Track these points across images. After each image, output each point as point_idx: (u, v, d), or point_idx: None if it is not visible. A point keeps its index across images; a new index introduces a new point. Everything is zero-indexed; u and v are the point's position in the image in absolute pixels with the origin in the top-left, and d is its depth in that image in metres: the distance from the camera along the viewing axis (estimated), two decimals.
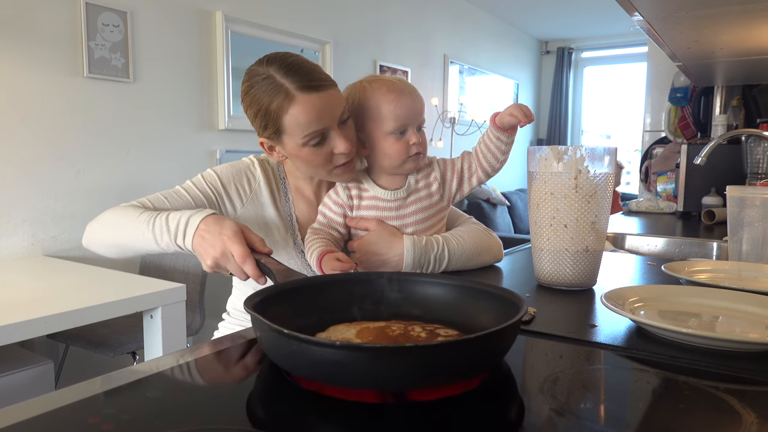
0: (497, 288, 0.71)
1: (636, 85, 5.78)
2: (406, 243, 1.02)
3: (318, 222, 1.10)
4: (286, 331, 0.52)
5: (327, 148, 1.00)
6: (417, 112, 1.03)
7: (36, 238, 2.26)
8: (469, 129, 5.09)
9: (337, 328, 0.67)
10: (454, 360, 0.52)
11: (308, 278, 0.78)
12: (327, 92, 0.97)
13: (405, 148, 1.02)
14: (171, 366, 0.62)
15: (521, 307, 0.60)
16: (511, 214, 5.36)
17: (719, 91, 2.61)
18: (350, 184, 1.08)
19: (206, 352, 0.67)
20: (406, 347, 0.50)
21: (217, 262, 0.86)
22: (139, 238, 0.95)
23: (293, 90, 0.95)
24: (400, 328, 0.66)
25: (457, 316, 0.71)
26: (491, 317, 0.66)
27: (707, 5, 1.36)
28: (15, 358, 1.81)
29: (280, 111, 0.96)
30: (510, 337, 0.58)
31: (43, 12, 2.22)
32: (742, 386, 0.59)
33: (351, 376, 0.51)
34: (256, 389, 0.58)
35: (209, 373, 0.64)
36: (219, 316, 1.31)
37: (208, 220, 0.89)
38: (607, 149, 0.94)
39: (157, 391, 0.57)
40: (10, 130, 2.16)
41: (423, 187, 1.09)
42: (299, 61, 0.98)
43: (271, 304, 0.65)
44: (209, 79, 2.88)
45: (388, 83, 1.03)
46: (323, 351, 0.51)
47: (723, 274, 1.06)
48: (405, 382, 0.52)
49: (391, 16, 4.21)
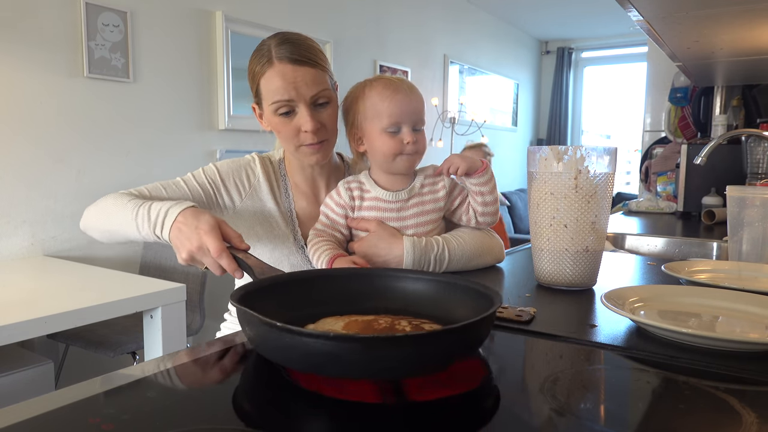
0: (477, 284, 0.72)
1: (636, 85, 5.78)
2: (406, 244, 1.02)
3: (320, 223, 1.10)
4: (279, 324, 0.53)
5: (295, 123, 1.05)
6: (412, 111, 1.03)
7: (36, 238, 2.26)
8: (469, 129, 5.09)
9: (326, 321, 0.69)
10: (440, 349, 0.54)
11: (296, 272, 0.80)
12: (303, 68, 1.03)
13: (398, 146, 1.02)
14: (171, 366, 0.62)
15: (495, 301, 0.63)
16: (511, 214, 5.36)
17: (719, 91, 2.61)
18: (352, 184, 1.09)
19: (207, 351, 0.67)
20: (396, 337, 0.53)
21: (192, 256, 0.87)
22: (124, 225, 0.97)
23: (274, 58, 1.03)
24: (387, 322, 0.68)
25: (438, 311, 0.73)
26: (469, 311, 0.67)
27: (707, 5, 1.36)
28: (15, 358, 1.81)
29: (259, 75, 1.05)
30: (487, 329, 0.62)
31: (43, 12, 2.22)
32: (742, 386, 0.59)
33: (345, 366, 0.53)
34: (256, 390, 0.58)
35: (209, 373, 0.64)
36: (219, 316, 1.31)
37: (186, 212, 0.90)
38: (607, 149, 0.94)
39: (157, 391, 0.57)
40: (10, 130, 2.16)
41: (428, 192, 1.09)
42: (297, 38, 1.05)
43: (257, 298, 0.66)
44: (209, 79, 2.88)
45: (386, 81, 1.04)
46: (315, 342, 0.52)
47: (723, 274, 1.06)
48: (395, 372, 0.54)
49: (391, 16, 4.21)
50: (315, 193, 1.17)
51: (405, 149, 1.03)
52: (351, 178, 1.11)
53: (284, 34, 1.05)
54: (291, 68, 1.02)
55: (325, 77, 1.06)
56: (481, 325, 0.58)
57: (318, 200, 1.16)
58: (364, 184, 1.09)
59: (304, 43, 1.05)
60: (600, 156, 0.93)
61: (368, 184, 1.08)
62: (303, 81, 1.02)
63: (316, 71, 1.04)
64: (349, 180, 1.10)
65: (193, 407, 0.53)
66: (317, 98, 1.04)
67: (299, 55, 1.02)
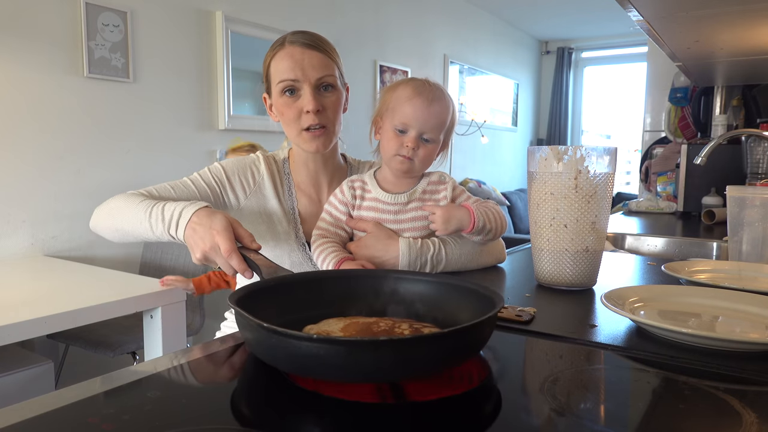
0: (481, 286, 0.71)
1: (636, 85, 5.78)
2: (401, 245, 1.03)
3: (324, 221, 1.10)
4: (266, 325, 0.53)
5: (298, 104, 1.07)
6: (425, 119, 1.01)
7: (36, 238, 2.26)
8: (469, 129, 5.09)
9: (328, 322, 0.69)
10: (429, 353, 0.54)
11: (300, 273, 0.80)
12: (312, 52, 1.07)
13: (398, 146, 1.03)
14: (171, 366, 0.62)
15: (497, 303, 0.62)
16: (511, 214, 5.36)
17: (719, 91, 2.61)
18: (356, 183, 1.09)
19: (206, 351, 0.67)
20: (378, 341, 0.53)
21: (206, 255, 0.87)
22: (137, 225, 0.98)
23: (286, 42, 1.09)
24: (388, 325, 0.67)
25: (442, 313, 0.72)
26: (471, 315, 0.66)
27: (707, 5, 1.36)
28: (15, 358, 1.81)
29: (269, 57, 1.10)
30: (487, 332, 0.60)
31: (43, 12, 2.22)
32: (742, 386, 0.59)
33: (330, 369, 0.52)
34: (256, 389, 0.58)
35: (209, 373, 0.64)
36: (219, 316, 1.31)
37: (200, 212, 0.90)
38: (607, 149, 0.94)
39: (157, 391, 0.57)
40: (11, 130, 2.16)
41: (429, 199, 1.08)
42: (311, 32, 1.11)
43: (260, 299, 0.66)
44: (209, 79, 2.88)
45: (418, 84, 1.04)
46: (300, 344, 0.52)
47: (723, 274, 1.06)
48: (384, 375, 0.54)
49: (391, 16, 4.21)
50: (317, 192, 1.18)
51: (401, 151, 1.02)
52: (356, 177, 1.12)
53: (299, 30, 1.11)
54: (300, 50, 1.06)
55: (332, 66, 1.10)
56: (483, 328, 0.58)
57: (320, 199, 1.17)
58: (366, 184, 1.09)
59: (317, 35, 1.11)
60: (600, 156, 0.93)
61: (370, 185, 1.09)
62: (310, 63, 1.06)
63: (324, 57, 1.08)
64: (353, 179, 1.11)
65: (193, 407, 0.53)
66: (322, 81, 1.08)
67: (309, 40, 1.08)
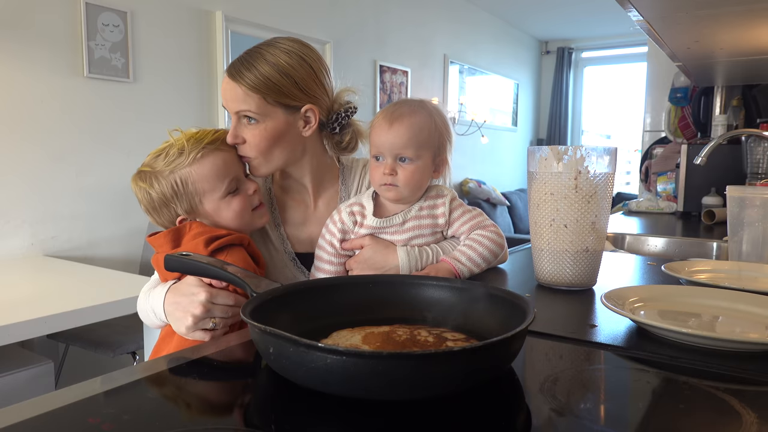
0: (500, 290, 0.70)
1: (636, 85, 5.78)
2: (400, 254, 1.02)
3: (326, 253, 1.06)
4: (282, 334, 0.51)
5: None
6: (392, 140, 0.98)
7: (36, 238, 2.26)
8: (469, 129, 5.09)
9: (341, 334, 0.65)
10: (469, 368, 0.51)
11: (309, 281, 0.79)
12: (232, 83, 1.02)
13: (378, 175, 1.01)
14: (171, 366, 0.62)
15: (528, 312, 0.59)
16: (511, 214, 5.36)
17: (719, 91, 2.61)
18: (354, 208, 1.06)
19: (206, 352, 0.67)
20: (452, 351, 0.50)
21: (202, 313, 0.88)
22: (156, 323, 1.01)
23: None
24: (406, 333, 0.64)
25: (460, 318, 0.70)
26: (497, 321, 0.65)
27: (707, 5, 1.36)
28: (15, 358, 1.81)
29: None
30: (518, 344, 0.58)
31: (42, 12, 2.22)
32: (742, 386, 0.59)
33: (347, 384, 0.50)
34: (256, 389, 0.58)
35: (209, 373, 0.64)
36: None
37: (168, 295, 0.93)
38: (607, 149, 0.94)
39: (157, 391, 0.57)
40: (10, 130, 2.16)
41: (426, 215, 1.05)
42: (246, 56, 1.03)
43: (269, 309, 0.64)
44: (209, 79, 2.88)
45: (390, 109, 1.02)
46: (326, 358, 0.49)
47: (723, 274, 1.06)
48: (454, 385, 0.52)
49: (391, 16, 4.21)
50: (302, 205, 1.15)
51: (382, 180, 1.00)
52: (353, 201, 1.08)
53: (244, 53, 1.04)
54: (226, 80, 1.03)
55: (251, 99, 1.00)
56: (507, 343, 0.54)
57: (306, 204, 1.14)
58: (365, 209, 1.06)
59: (247, 60, 1.01)
60: (600, 156, 0.93)
61: (368, 209, 1.05)
62: (230, 95, 1.03)
63: (243, 89, 1.00)
64: (351, 203, 1.07)
65: (194, 407, 0.53)
66: (242, 113, 1.03)
67: (234, 69, 1.02)
